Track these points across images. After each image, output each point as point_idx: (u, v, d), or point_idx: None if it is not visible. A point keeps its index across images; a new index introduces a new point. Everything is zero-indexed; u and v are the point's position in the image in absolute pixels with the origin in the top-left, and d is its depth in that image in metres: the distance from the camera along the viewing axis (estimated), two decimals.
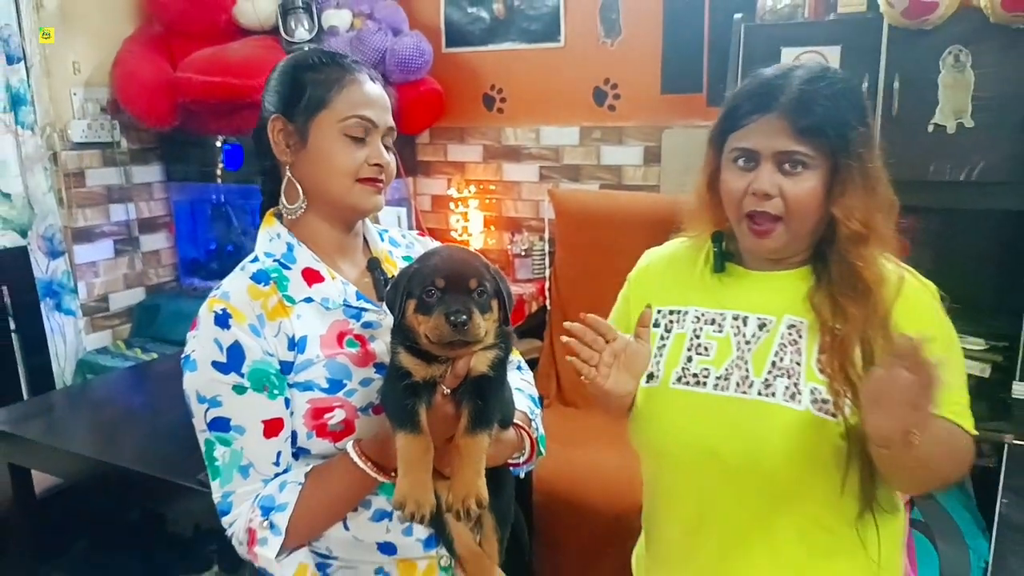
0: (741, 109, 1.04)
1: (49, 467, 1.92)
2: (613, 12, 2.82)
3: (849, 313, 1.01)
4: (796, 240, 1.05)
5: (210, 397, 1.02)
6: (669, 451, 1.12)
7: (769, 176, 1.01)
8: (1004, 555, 1.89)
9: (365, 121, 1.07)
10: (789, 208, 1.01)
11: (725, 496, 1.06)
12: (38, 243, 2.67)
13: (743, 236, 1.07)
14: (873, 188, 1.02)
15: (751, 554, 1.06)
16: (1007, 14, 1.77)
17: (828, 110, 0.99)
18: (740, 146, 1.04)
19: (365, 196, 1.08)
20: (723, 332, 1.09)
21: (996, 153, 1.89)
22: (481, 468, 0.97)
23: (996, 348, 2.02)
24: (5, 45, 2.51)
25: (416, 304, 0.96)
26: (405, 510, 0.94)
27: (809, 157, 1.00)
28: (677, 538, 1.14)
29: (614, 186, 2.93)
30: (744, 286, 1.11)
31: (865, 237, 1.01)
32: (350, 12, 2.92)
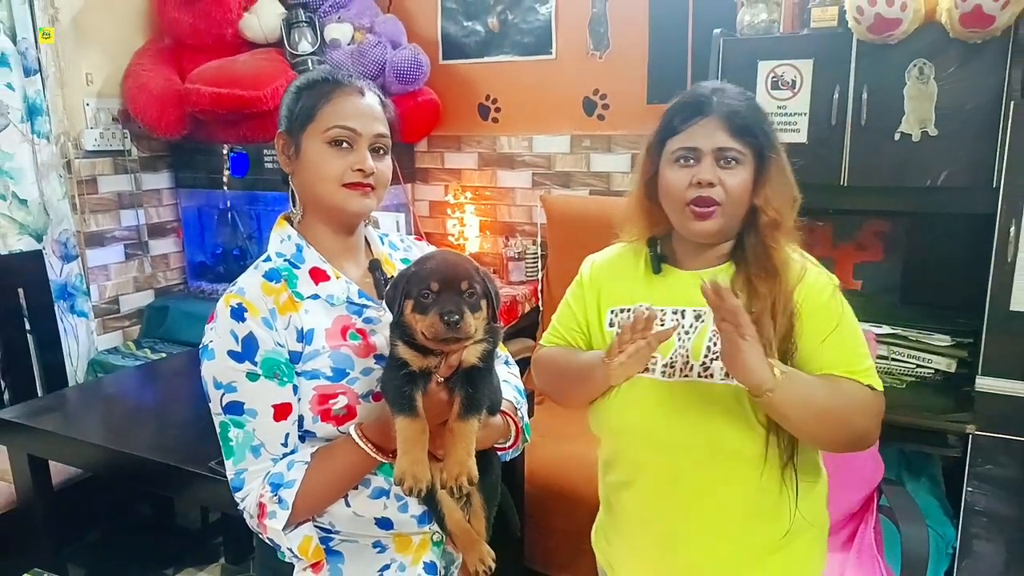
0: (679, 117, 1.18)
1: (66, 457, 1.99)
2: (602, 26, 2.89)
3: (760, 291, 1.15)
4: (729, 225, 1.19)
5: (226, 383, 1.09)
6: (626, 432, 1.24)
7: (710, 168, 1.15)
8: (969, 540, 2.00)
9: (347, 130, 1.12)
10: (727, 195, 1.15)
11: (677, 468, 1.19)
12: (53, 247, 2.75)
13: (686, 223, 1.19)
14: (785, 183, 1.18)
15: (702, 517, 1.19)
16: (965, 30, 1.84)
17: (752, 117, 1.16)
18: (683, 146, 1.16)
19: (351, 199, 1.14)
20: (666, 325, 1.22)
21: (959, 160, 1.95)
22: (471, 449, 1.05)
23: (961, 344, 2.10)
24: (23, 58, 2.59)
25: (413, 304, 1.03)
26: (404, 485, 1.02)
27: (741, 154, 1.15)
28: (637, 509, 1.26)
29: (603, 192, 2.98)
30: (680, 284, 1.24)
31: (779, 223, 1.16)
32: (351, 26, 3.00)
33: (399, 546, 1.18)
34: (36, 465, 2.01)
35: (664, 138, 1.20)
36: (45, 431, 1.93)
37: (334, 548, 1.16)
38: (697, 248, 1.24)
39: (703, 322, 1.20)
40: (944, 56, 1.93)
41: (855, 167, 2.08)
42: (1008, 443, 1.92)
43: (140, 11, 3.04)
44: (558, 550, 2.23)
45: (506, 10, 3.05)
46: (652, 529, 1.24)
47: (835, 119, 2.07)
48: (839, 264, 2.48)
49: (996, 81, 1.89)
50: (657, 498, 1.22)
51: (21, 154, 2.61)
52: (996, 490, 1.94)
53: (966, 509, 1.98)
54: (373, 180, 1.15)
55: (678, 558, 1.22)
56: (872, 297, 2.43)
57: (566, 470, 2.24)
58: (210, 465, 1.63)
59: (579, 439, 2.41)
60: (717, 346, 1.16)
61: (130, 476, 1.92)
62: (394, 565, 1.18)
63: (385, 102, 1.20)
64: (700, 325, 1.20)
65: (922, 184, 2.02)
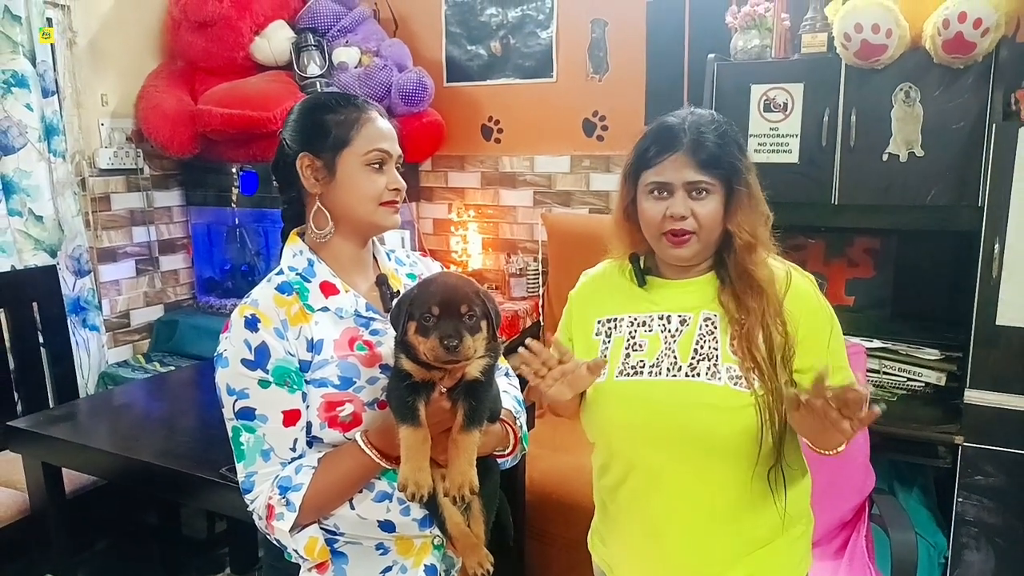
0: (651, 151, 1.23)
1: (80, 465, 2.02)
2: (601, 50, 2.96)
3: (750, 307, 1.20)
4: (705, 249, 1.24)
5: (238, 390, 1.13)
6: (619, 432, 1.28)
7: (682, 202, 1.20)
8: (960, 549, 2.04)
9: (383, 153, 1.20)
10: (700, 224, 1.21)
11: (667, 465, 1.23)
12: (66, 262, 2.79)
13: (663, 249, 1.25)
14: (756, 206, 1.24)
15: (693, 512, 1.24)
16: (948, 56, 1.91)
17: (719, 147, 1.20)
18: (655, 180, 1.22)
19: (387, 216, 1.22)
20: (652, 331, 1.27)
21: (945, 179, 2.01)
22: (473, 459, 1.10)
23: (950, 358, 2.15)
24: (41, 80, 2.66)
25: (416, 326, 1.09)
26: (407, 491, 1.07)
27: (710, 184, 1.20)
28: (629, 507, 1.30)
29: (602, 211, 3.01)
30: (665, 293, 1.30)
31: (754, 245, 1.22)
32: (358, 49, 3.06)
33: (401, 548, 1.22)
34: (50, 473, 2.04)
35: (638, 170, 1.25)
36: (59, 439, 1.96)
37: (338, 549, 1.20)
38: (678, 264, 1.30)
39: (688, 326, 1.25)
40: (929, 80, 2.00)
41: (845, 186, 2.14)
42: (996, 454, 1.96)
43: (154, 34, 3.13)
44: (557, 560, 2.26)
45: (508, 34, 3.13)
46: (644, 527, 1.28)
47: (825, 140, 2.13)
48: (831, 280, 2.53)
49: (979, 104, 1.95)
50: (648, 496, 1.27)
51: (38, 172, 2.67)
52: (985, 500, 1.99)
53: (956, 519, 2.02)
54: (400, 196, 1.24)
55: (669, 555, 1.27)
56: (863, 312, 2.47)
57: (565, 480, 2.27)
58: (220, 471, 1.67)
59: (578, 450, 2.45)
60: (704, 348, 1.23)
61: (142, 482, 1.96)
62: (396, 567, 1.22)
63: (393, 122, 1.27)
64: (685, 329, 1.25)
65: (910, 203, 2.08)
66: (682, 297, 1.28)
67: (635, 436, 1.26)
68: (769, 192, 1.28)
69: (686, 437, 1.21)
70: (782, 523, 1.26)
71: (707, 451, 1.21)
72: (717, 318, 1.24)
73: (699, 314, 1.26)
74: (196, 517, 2.86)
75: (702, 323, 1.25)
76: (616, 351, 1.29)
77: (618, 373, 1.27)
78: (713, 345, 1.23)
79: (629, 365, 1.27)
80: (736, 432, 1.19)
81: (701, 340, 1.24)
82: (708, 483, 1.22)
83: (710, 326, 1.24)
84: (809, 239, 2.54)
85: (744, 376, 1.19)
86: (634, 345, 1.28)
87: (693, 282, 1.28)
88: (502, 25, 3.14)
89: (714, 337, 1.23)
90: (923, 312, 2.38)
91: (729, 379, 1.20)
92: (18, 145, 2.63)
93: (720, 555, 1.25)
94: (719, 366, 1.21)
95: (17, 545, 2.18)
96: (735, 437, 1.19)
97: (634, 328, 1.29)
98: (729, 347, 1.22)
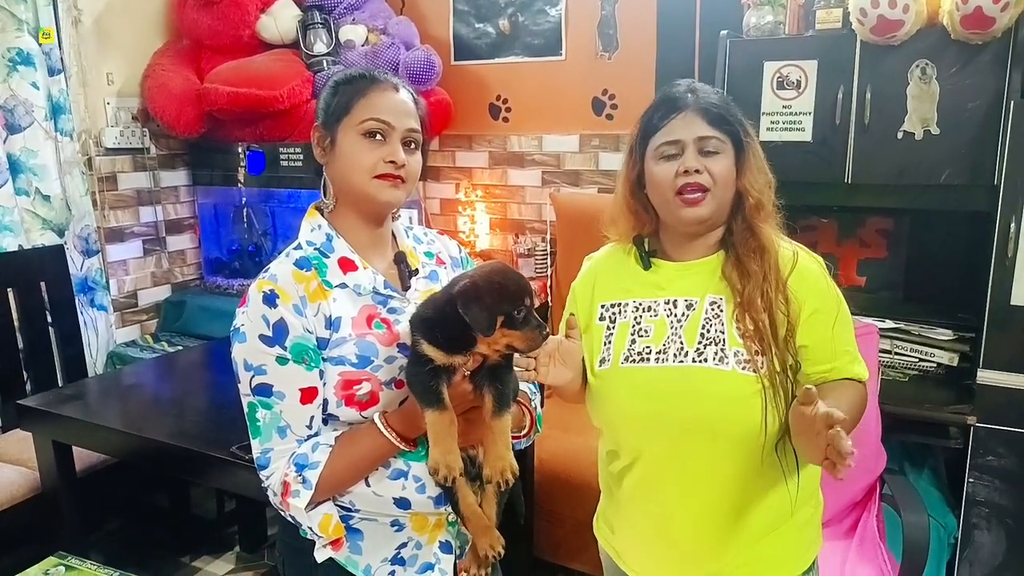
0: (657, 115, 1.22)
1: (91, 444, 2.04)
2: (610, 28, 2.93)
3: (751, 269, 1.20)
4: (719, 210, 1.22)
5: (256, 366, 1.12)
6: (626, 420, 1.26)
7: (694, 157, 1.19)
8: (970, 530, 2.04)
9: (380, 123, 1.15)
10: (714, 181, 1.19)
11: (675, 452, 1.22)
12: (74, 242, 2.80)
13: (677, 212, 1.22)
14: (762, 168, 1.24)
15: (702, 496, 1.22)
16: (966, 32, 1.89)
17: (726, 109, 1.22)
18: (666, 140, 1.20)
19: (381, 189, 1.16)
20: (658, 316, 1.25)
21: (960, 158, 1.99)
22: (509, 442, 1.10)
23: (963, 339, 2.14)
24: (47, 59, 2.65)
25: (504, 320, 1.07)
26: (439, 474, 1.07)
27: (720, 142, 1.20)
28: (637, 493, 1.29)
29: (611, 190, 2.94)
30: (670, 276, 1.27)
31: (762, 204, 1.22)
32: (365, 28, 3.04)
33: (416, 525, 1.22)
34: (60, 451, 2.06)
35: (645, 138, 1.24)
36: (69, 418, 1.98)
37: (354, 526, 1.20)
38: (686, 239, 1.27)
39: (694, 310, 1.24)
40: (946, 57, 1.97)
41: (859, 165, 2.12)
42: (1008, 435, 1.96)
43: (159, 13, 3.11)
44: (566, 540, 2.28)
45: (517, 12, 3.10)
46: (652, 513, 1.27)
47: (839, 118, 2.11)
48: (843, 260, 2.51)
49: (997, 81, 1.93)
50: (655, 483, 1.25)
51: (45, 151, 2.66)
52: (997, 481, 1.98)
53: (967, 500, 2.02)
54: (403, 173, 1.17)
55: (677, 542, 1.26)
56: (876, 293, 2.46)
57: (574, 461, 2.28)
58: (230, 450, 1.68)
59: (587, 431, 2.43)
60: (710, 332, 1.21)
61: (153, 461, 1.97)
62: (411, 543, 1.22)
63: (418, 100, 1.23)
64: (691, 313, 1.24)
65: (924, 182, 2.06)
66: (688, 280, 1.26)
67: (642, 424, 1.24)
68: (781, 171, 1.27)
69: (693, 424, 1.19)
70: (791, 507, 1.25)
71: (714, 437, 1.19)
72: (723, 301, 1.23)
73: (705, 297, 1.24)
74: (205, 496, 2.89)
75: (708, 307, 1.23)
76: (621, 337, 1.27)
77: (623, 359, 1.25)
78: (720, 328, 1.21)
79: (635, 351, 1.25)
80: (743, 418, 1.17)
81: (707, 324, 1.22)
82: (716, 470, 1.21)
83: (716, 309, 1.23)
84: (821, 219, 2.53)
85: (751, 360, 1.17)
86: (640, 331, 1.26)
87: (700, 263, 1.27)
88: (510, 3, 3.11)
89: (720, 320, 1.22)
90: (936, 293, 2.37)
91: (737, 363, 1.18)
92: (24, 124, 2.62)
93: (731, 541, 1.24)
94: (726, 350, 1.19)
95: (28, 523, 2.20)
96: (742, 423, 1.17)
97: (639, 313, 1.27)
98: (735, 329, 1.20)
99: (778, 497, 1.23)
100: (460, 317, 1.06)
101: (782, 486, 1.23)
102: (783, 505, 1.24)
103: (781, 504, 1.24)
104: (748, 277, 1.19)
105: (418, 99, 1.24)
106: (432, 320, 1.10)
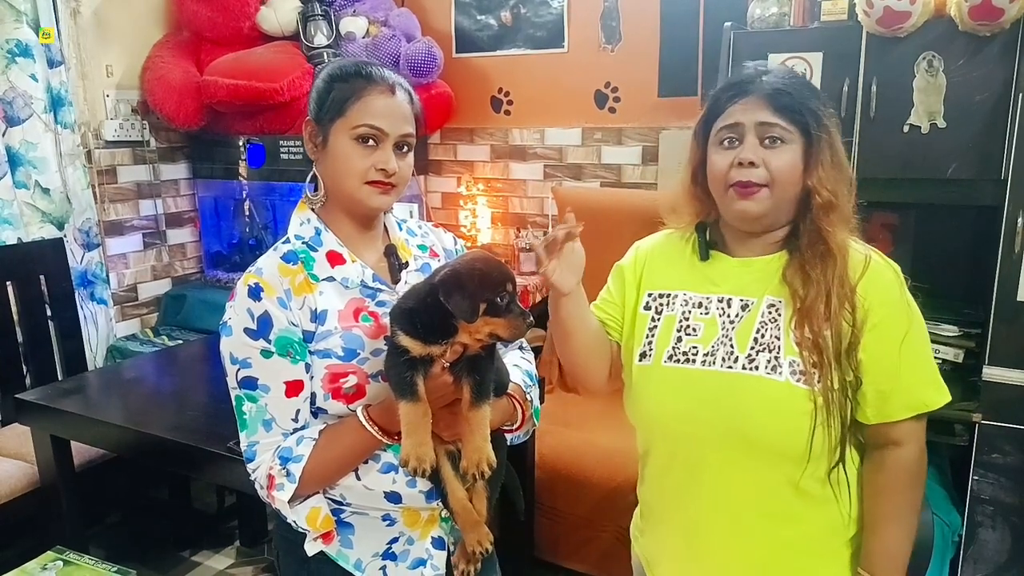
0: (723, 98, 1.14)
1: (89, 438, 2.03)
2: (613, 20, 2.91)
3: (814, 276, 1.09)
4: (777, 208, 1.13)
5: (241, 359, 1.12)
6: (662, 422, 1.19)
7: (753, 148, 1.10)
8: (975, 527, 2.01)
9: (374, 130, 1.14)
10: (772, 177, 1.10)
11: (714, 461, 1.14)
12: (74, 235, 2.79)
13: (729, 204, 1.14)
14: (840, 164, 1.13)
15: (739, 512, 1.14)
16: (974, 23, 1.86)
17: (799, 94, 1.11)
18: (726, 124, 1.12)
19: (371, 196, 1.16)
20: (709, 314, 1.17)
21: (967, 152, 1.96)
22: (487, 434, 1.08)
23: (969, 335, 2.11)
24: (47, 50, 2.63)
25: (487, 307, 1.05)
26: (408, 466, 1.06)
27: (786, 131, 1.09)
28: (670, 501, 1.22)
29: (614, 184, 3.00)
30: (727, 272, 1.19)
31: (834, 205, 1.10)
32: (366, 19, 3.03)
33: (408, 520, 1.21)
34: (59, 446, 2.05)
35: (709, 121, 1.16)
36: (68, 412, 1.97)
37: (345, 520, 1.20)
38: (747, 234, 1.18)
39: (749, 311, 1.15)
40: (953, 49, 1.94)
41: (864, 159, 2.09)
42: (1014, 432, 1.93)
43: (159, 4, 3.09)
44: (566, 536, 2.26)
45: (519, 4, 3.08)
46: (679, 522, 1.21)
47: (844, 111, 2.08)
48: None
49: (1005, 74, 1.90)
50: (685, 490, 1.18)
51: (44, 144, 2.65)
52: (1002, 478, 1.96)
53: (972, 497, 1.99)
54: (394, 179, 1.17)
55: (705, 555, 1.19)
56: None
57: (575, 457, 2.27)
58: (228, 445, 1.67)
59: (587, 426, 2.44)
60: (765, 337, 1.12)
61: (151, 456, 1.97)
62: (403, 538, 1.21)
63: (413, 98, 1.21)
64: (746, 315, 1.15)
65: (931, 176, 2.03)
66: (746, 278, 1.17)
67: (680, 428, 1.17)
68: None
69: (736, 435, 1.11)
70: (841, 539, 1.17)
71: (752, 451, 1.11)
72: (782, 304, 1.14)
73: (763, 299, 1.15)
74: (205, 491, 2.89)
75: (765, 309, 1.14)
76: (666, 332, 1.20)
77: (667, 357, 1.18)
78: (775, 334, 1.12)
79: (680, 350, 1.17)
80: (789, 434, 1.09)
81: (762, 328, 1.13)
82: (755, 484, 1.13)
83: (773, 313, 1.14)
84: None
85: (807, 372, 1.08)
86: (687, 328, 1.19)
87: (760, 261, 1.18)
88: None
89: (777, 325, 1.13)
90: (941, 288, 2.31)
91: (791, 374, 1.09)
92: (24, 116, 2.61)
93: (761, 561, 1.16)
94: (780, 359, 1.10)
95: (27, 518, 2.20)
96: (787, 439, 1.09)
97: (688, 308, 1.20)
98: (792, 336, 1.11)
99: (817, 520, 1.15)
100: (442, 307, 1.05)
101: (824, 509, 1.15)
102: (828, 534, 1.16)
103: (820, 527, 1.16)
104: (811, 283, 1.10)
105: (414, 97, 1.22)
106: (413, 311, 1.09)
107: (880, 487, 1.15)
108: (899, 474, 1.15)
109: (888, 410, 1.12)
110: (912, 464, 1.15)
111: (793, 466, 1.10)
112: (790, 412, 1.09)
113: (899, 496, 1.15)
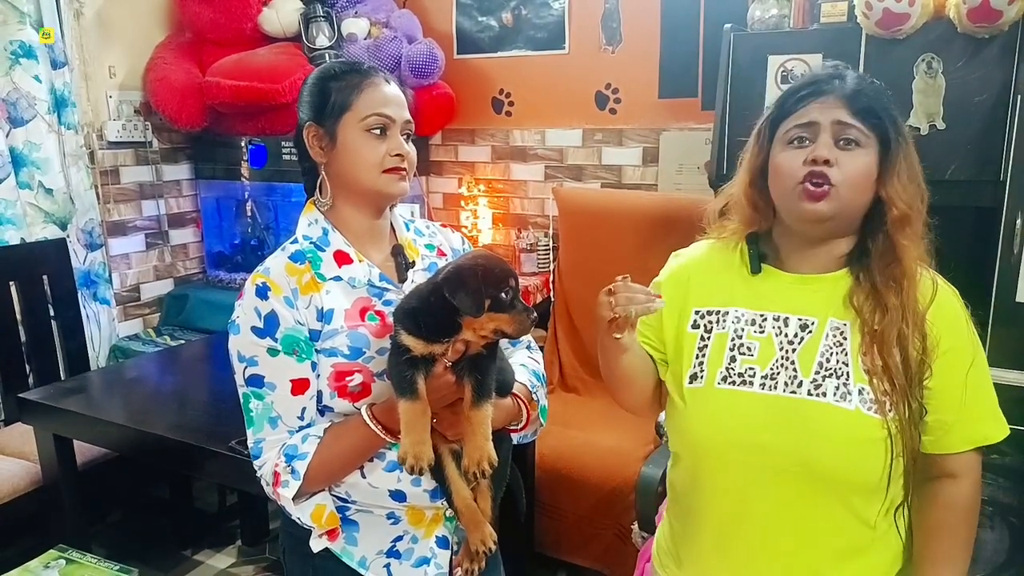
0: (796, 96, 1.07)
1: (91, 437, 2.04)
2: (614, 21, 2.91)
3: (889, 303, 1.03)
4: (844, 214, 1.05)
5: (248, 357, 1.13)
6: (715, 448, 1.11)
7: (828, 145, 1.03)
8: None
9: (384, 118, 1.17)
10: (844, 179, 1.02)
11: (768, 491, 1.07)
12: (78, 236, 2.80)
13: (795, 203, 1.05)
14: (916, 178, 1.07)
15: (791, 546, 1.07)
16: (973, 25, 1.86)
17: (879, 99, 1.05)
18: (800, 123, 1.06)
19: (391, 183, 1.19)
20: (764, 333, 1.09)
21: (966, 153, 1.96)
22: (488, 433, 1.09)
23: None
24: (51, 51, 2.64)
25: (491, 303, 1.06)
26: (406, 464, 1.07)
27: (863, 135, 1.03)
28: (714, 533, 1.14)
29: (614, 185, 2.99)
30: (781, 288, 1.11)
31: (910, 220, 1.04)
32: (368, 21, 3.03)
33: (412, 519, 1.22)
34: (61, 445, 2.06)
35: (777, 120, 1.09)
36: (70, 412, 1.98)
37: (350, 517, 1.21)
38: (807, 246, 1.10)
39: (811, 333, 1.07)
40: (952, 50, 1.94)
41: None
42: (1012, 433, 1.88)
43: (161, 6, 3.10)
44: (567, 535, 2.27)
45: (520, 5, 3.08)
46: (729, 555, 1.12)
47: None
48: None
49: (1003, 75, 1.90)
50: (739, 523, 1.10)
51: (48, 144, 2.65)
52: (1000, 479, 1.96)
53: None
54: (407, 163, 1.20)
55: None
56: None
57: (576, 456, 2.28)
58: (230, 444, 1.68)
59: (588, 426, 2.45)
60: (831, 362, 1.05)
61: (153, 455, 1.97)
62: (407, 537, 1.22)
63: (404, 89, 1.25)
64: (808, 336, 1.07)
65: (929, 177, 1.96)
66: (804, 296, 1.10)
67: (736, 456, 1.08)
68: None
69: (799, 465, 1.04)
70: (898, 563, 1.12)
71: (819, 483, 1.04)
72: (848, 328, 1.06)
73: (827, 320, 1.07)
74: (207, 490, 2.90)
75: (829, 332, 1.07)
76: (718, 351, 1.12)
77: (721, 379, 1.10)
78: (843, 359, 1.05)
79: (735, 371, 1.09)
80: (862, 466, 1.03)
81: (828, 352, 1.05)
82: (814, 521, 1.06)
83: (839, 336, 1.06)
84: None
85: (879, 401, 1.02)
86: (741, 347, 1.10)
87: (820, 279, 1.10)
88: None
89: (843, 350, 1.05)
90: None
91: (861, 403, 1.03)
92: (27, 117, 2.62)
93: None
94: (850, 386, 1.04)
95: (29, 516, 2.20)
96: (860, 472, 1.03)
97: (741, 326, 1.12)
98: (861, 363, 1.04)
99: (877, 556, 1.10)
100: (445, 306, 1.06)
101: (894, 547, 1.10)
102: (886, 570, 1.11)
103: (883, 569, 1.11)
104: (886, 310, 1.03)
105: (405, 89, 1.26)
106: (415, 310, 1.10)
107: (934, 524, 1.10)
108: (955, 510, 1.10)
109: (948, 441, 1.08)
110: (968, 499, 1.10)
111: (861, 498, 1.05)
112: (863, 441, 1.03)
113: (954, 535, 1.10)
